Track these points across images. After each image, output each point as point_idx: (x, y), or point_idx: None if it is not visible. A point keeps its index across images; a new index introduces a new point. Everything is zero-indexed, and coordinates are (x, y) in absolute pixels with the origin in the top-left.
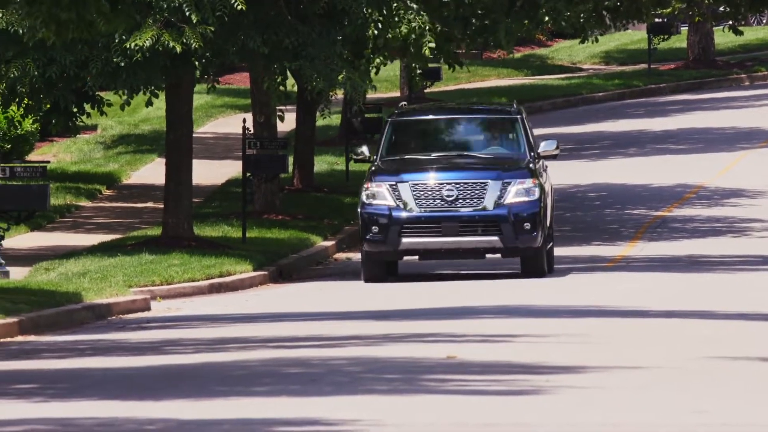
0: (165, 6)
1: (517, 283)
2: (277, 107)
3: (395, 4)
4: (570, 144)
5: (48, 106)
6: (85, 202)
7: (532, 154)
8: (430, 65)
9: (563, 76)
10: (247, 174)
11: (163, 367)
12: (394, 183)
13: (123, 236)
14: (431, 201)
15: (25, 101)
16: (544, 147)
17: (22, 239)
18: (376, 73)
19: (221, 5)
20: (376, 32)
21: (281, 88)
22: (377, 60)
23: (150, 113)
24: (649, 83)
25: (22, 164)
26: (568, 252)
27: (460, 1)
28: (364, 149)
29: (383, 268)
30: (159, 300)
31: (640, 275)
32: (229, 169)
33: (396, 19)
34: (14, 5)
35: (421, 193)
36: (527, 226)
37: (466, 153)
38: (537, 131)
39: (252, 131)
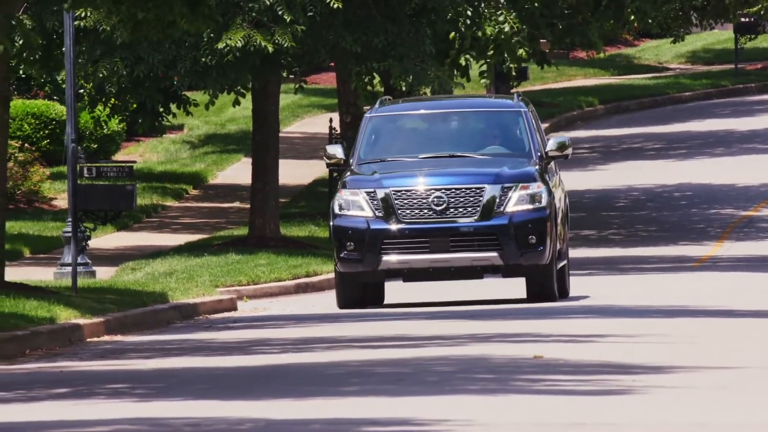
0: (255, 6)
1: (596, 280)
2: (365, 107)
3: (483, 4)
4: (657, 144)
5: (135, 105)
6: (171, 202)
7: (539, 153)
8: (515, 65)
9: (650, 75)
10: (334, 174)
11: (250, 367)
12: (372, 190)
13: (209, 236)
14: (417, 211)
15: (112, 101)
16: (553, 145)
17: (109, 239)
18: (464, 75)
19: (311, 5)
20: (463, 29)
21: (369, 87)
22: (463, 59)
23: (236, 113)
24: (736, 83)
25: (109, 164)
26: (655, 252)
27: (546, 1)
28: (336, 150)
29: (360, 291)
30: (245, 300)
31: (726, 275)
32: (316, 169)
33: (484, 18)
34: (100, 3)
35: (406, 201)
36: (532, 239)
37: (459, 154)
38: (623, 131)
39: (338, 131)
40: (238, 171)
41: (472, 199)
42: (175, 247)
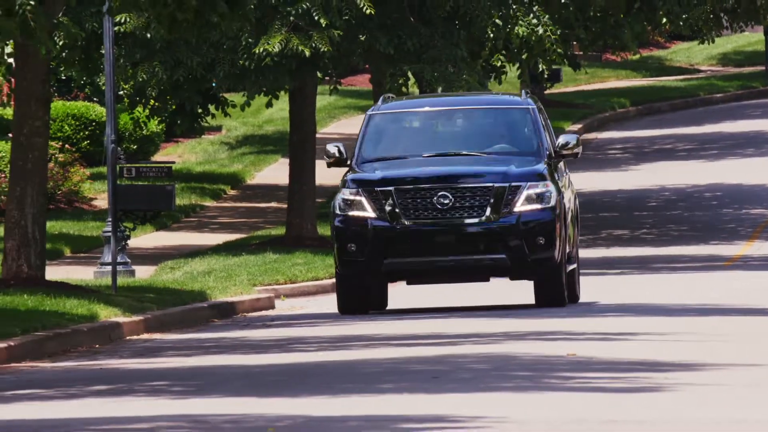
0: (292, 11)
1: (628, 280)
2: None
3: (515, 6)
4: (688, 144)
5: (173, 107)
6: (209, 202)
7: (548, 152)
8: (548, 66)
9: (681, 77)
10: None
11: (288, 365)
12: (374, 189)
13: (247, 236)
14: (421, 210)
15: (152, 103)
16: (562, 143)
17: (148, 239)
18: (496, 78)
19: (347, 9)
20: (494, 30)
21: (403, 89)
22: (497, 60)
23: (273, 114)
24: (766, 84)
25: (148, 165)
26: (686, 251)
27: (579, 3)
28: (337, 148)
29: (363, 295)
30: (283, 299)
31: (757, 274)
32: None
33: (516, 20)
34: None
35: (409, 201)
36: (541, 240)
37: (464, 152)
38: (655, 132)
39: None
40: (276, 171)
41: (478, 198)
42: (214, 247)
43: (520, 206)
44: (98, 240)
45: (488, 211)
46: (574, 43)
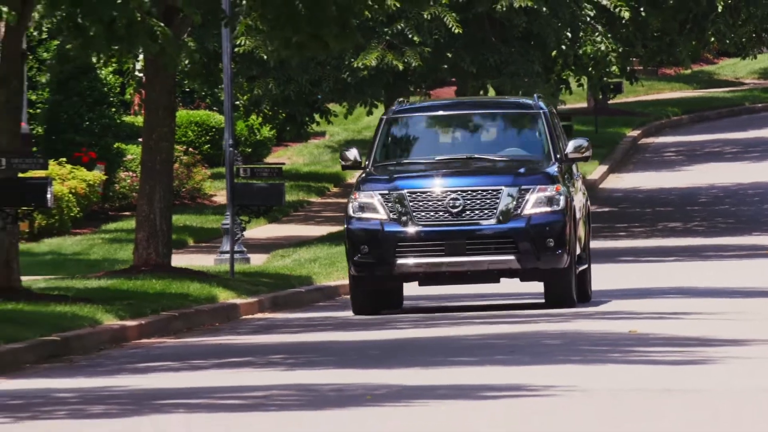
0: (388, 30)
1: (682, 267)
2: None
3: (582, 26)
4: (734, 148)
5: (284, 116)
6: (314, 198)
7: (558, 156)
8: (612, 80)
9: (728, 89)
10: None
11: (384, 341)
12: (387, 192)
13: None
14: (433, 213)
15: (265, 112)
16: (572, 147)
17: (261, 230)
18: (567, 88)
19: (437, 29)
20: (563, 48)
21: None
22: (566, 75)
23: (371, 121)
24: None
25: (261, 166)
26: (732, 241)
27: (638, 24)
28: (352, 153)
29: (376, 296)
30: None
31: None
32: None
33: (583, 39)
34: (259, 32)
35: (421, 203)
36: (550, 242)
37: (475, 156)
38: (704, 137)
39: None
40: None
41: (488, 201)
42: (318, 237)
43: (530, 209)
44: (218, 231)
45: (499, 213)
46: (634, 59)
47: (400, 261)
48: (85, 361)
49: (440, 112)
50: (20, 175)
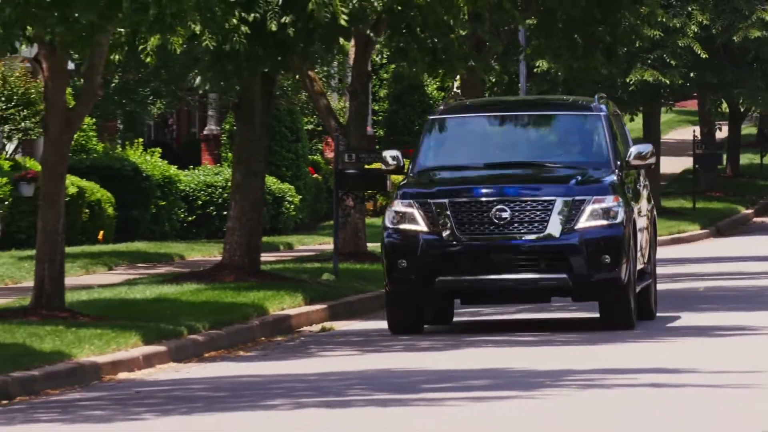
0: (650, 56)
1: None
2: (717, 122)
3: None
4: None
5: None
6: None
7: (618, 163)
8: None
9: None
10: (695, 165)
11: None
12: (427, 201)
13: None
14: (478, 225)
15: None
16: (635, 153)
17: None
18: None
19: (685, 55)
20: None
21: (718, 109)
22: None
23: (632, 126)
24: None
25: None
26: None
27: None
28: (393, 156)
29: (414, 313)
30: None
31: None
32: (683, 162)
33: None
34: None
35: (465, 214)
36: (606, 259)
37: (527, 161)
38: None
39: (699, 138)
40: None
41: (539, 213)
42: None
43: (585, 222)
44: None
45: (549, 227)
46: None
47: (440, 278)
48: None
49: (490, 113)
50: (366, 167)
